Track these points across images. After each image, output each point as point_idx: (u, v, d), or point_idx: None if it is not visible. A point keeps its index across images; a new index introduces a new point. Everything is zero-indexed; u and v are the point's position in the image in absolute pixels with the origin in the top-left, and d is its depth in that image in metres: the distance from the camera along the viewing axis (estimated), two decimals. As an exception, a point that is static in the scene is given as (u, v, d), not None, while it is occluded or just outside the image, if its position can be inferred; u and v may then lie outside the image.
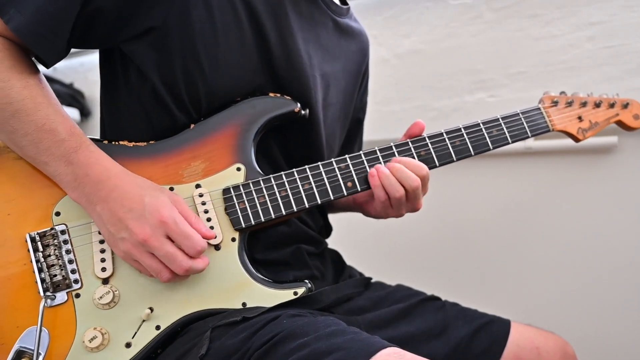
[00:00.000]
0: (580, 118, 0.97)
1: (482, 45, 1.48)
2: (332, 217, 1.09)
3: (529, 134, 0.92)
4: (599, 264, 1.40)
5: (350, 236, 1.46)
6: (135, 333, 0.75)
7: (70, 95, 2.05)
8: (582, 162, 1.40)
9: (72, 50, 0.80)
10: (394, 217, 0.90)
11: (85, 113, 2.10)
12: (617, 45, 1.32)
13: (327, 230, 1.05)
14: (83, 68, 2.12)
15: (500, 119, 0.90)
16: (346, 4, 1.02)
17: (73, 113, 2.01)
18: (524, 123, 0.92)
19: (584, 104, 0.98)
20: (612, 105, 0.99)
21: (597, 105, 0.98)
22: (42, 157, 0.72)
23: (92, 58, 2.07)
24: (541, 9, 1.40)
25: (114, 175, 0.72)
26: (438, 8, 1.53)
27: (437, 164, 0.87)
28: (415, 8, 1.57)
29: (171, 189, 0.78)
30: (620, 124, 1.01)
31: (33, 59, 0.77)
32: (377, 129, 1.46)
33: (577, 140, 0.99)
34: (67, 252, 0.75)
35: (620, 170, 1.35)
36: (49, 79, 2.00)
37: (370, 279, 1.04)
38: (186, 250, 0.71)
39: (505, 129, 0.90)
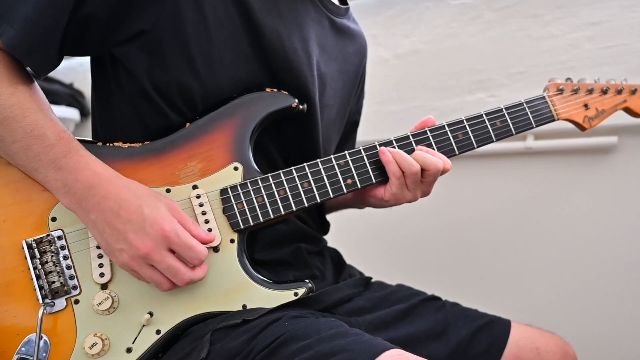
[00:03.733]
0: (586, 106, 0.94)
1: (482, 45, 1.48)
2: (332, 216, 1.09)
3: (534, 125, 0.90)
4: (599, 264, 1.40)
5: (350, 235, 1.46)
6: (136, 338, 0.74)
7: (70, 95, 2.05)
8: (582, 162, 1.40)
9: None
10: (408, 201, 0.86)
11: (85, 113, 2.09)
12: (617, 45, 1.32)
13: (325, 226, 1.04)
14: (83, 68, 2.12)
15: (503, 110, 0.88)
16: (346, 3, 1.00)
17: (73, 113, 2.01)
18: (528, 113, 0.89)
19: (590, 91, 0.94)
20: (619, 92, 0.95)
21: (604, 92, 0.95)
22: (32, 164, 0.71)
23: (92, 58, 2.07)
24: (541, 9, 1.40)
25: (106, 180, 0.71)
26: (438, 8, 1.53)
27: None
28: (415, 8, 1.56)
29: (168, 190, 0.78)
30: (628, 110, 0.97)
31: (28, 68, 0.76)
32: (377, 129, 1.46)
33: (582, 129, 0.95)
34: (65, 258, 0.75)
35: (620, 170, 1.35)
36: (49, 79, 2.00)
37: (370, 278, 1.04)
38: (189, 260, 0.70)
39: (509, 119, 0.88)
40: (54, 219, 0.75)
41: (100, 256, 0.75)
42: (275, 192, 0.80)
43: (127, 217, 0.69)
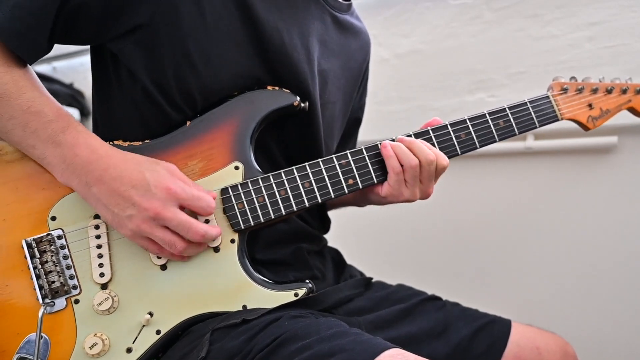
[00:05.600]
0: (590, 105, 0.93)
1: (482, 45, 1.48)
2: (332, 216, 1.09)
3: (537, 124, 0.89)
4: (599, 264, 1.40)
5: (351, 235, 1.46)
6: (136, 338, 0.74)
7: (70, 95, 2.04)
8: (582, 162, 1.40)
9: (72, 50, 0.79)
10: (407, 199, 0.84)
11: (85, 113, 2.09)
12: (617, 45, 1.32)
13: (326, 225, 1.04)
14: (83, 68, 2.12)
15: (507, 109, 0.87)
16: None
17: (73, 113, 2.01)
18: (532, 112, 0.89)
19: (594, 91, 0.93)
20: (624, 91, 0.94)
21: (609, 91, 0.94)
22: (29, 141, 0.71)
23: (92, 58, 2.07)
24: (541, 9, 1.40)
25: (105, 154, 0.71)
26: (438, 8, 1.53)
27: None
28: (415, 8, 1.57)
29: (169, 189, 0.78)
30: (632, 110, 0.96)
31: None
32: (377, 128, 1.46)
33: (586, 129, 0.94)
34: (65, 257, 0.75)
35: (620, 170, 1.35)
36: (49, 79, 2.00)
37: (371, 279, 1.04)
38: (201, 211, 0.72)
39: (512, 119, 0.87)
40: (53, 218, 0.75)
41: (100, 256, 0.75)
42: (276, 192, 0.79)
43: (131, 183, 0.69)
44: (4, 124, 0.71)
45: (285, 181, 0.80)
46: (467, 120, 0.86)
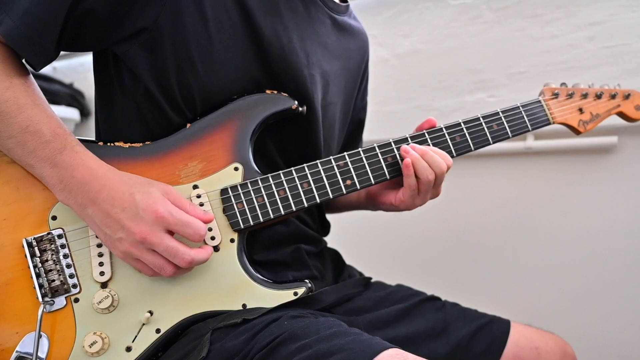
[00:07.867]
0: (581, 110, 0.96)
1: (482, 45, 1.48)
2: (332, 216, 1.09)
3: (530, 128, 0.91)
4: (598, 264, 1.40)
5: (350, 235, 1.46)
6: (136, 337, 0.74)
7: (70, 95, 2.05)
8: (582, 162, 1.40)
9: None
10: (418, 206, 0.88)
11: (85, 113, 2.09)
12: (617, 45, 1.32)
13: (325, 227, 1.05)
14: (83, 68, 2.12)
15: (500, 113, 0.90)
16: (345, 1, 1.00)
17: (73, 113, 2.01)
18: (525, 117, 0.91)
19: (584, 96, 0.96)
20: (613, 97, 0.98)
21: (598, 96, 0.97)
22: (28, 160, 0.71)
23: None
24: (541, 9, 1.40)
25: (101, 175, 0.71)
26: (438, 8, 1.53)
27: None
28: (415, 8, 1.57)
29: (169, 190, 0.78)
30: (621, 115, 1.00)
31: (23, 60, 0.76)
32: (377, 129, 1.46)
33: (577, 132, 0.97)
34: (65, 256, 0.75)
35: (620, 170, 1.35)
36: (49, 79, 2.00)
37: (370, 278, 1.04)
38: (189, 237, 0.71)
39: (505, 123, 0.89)
40: (54, 218, 0.76)
41: (100, 255, 0.75)
42: (275, 192, 0.80)
43: (121, 205, 0.69)
44: (4, 142, 0.71)
45: (284, 182, 0.81)
46: (462, 123, 0.88)
